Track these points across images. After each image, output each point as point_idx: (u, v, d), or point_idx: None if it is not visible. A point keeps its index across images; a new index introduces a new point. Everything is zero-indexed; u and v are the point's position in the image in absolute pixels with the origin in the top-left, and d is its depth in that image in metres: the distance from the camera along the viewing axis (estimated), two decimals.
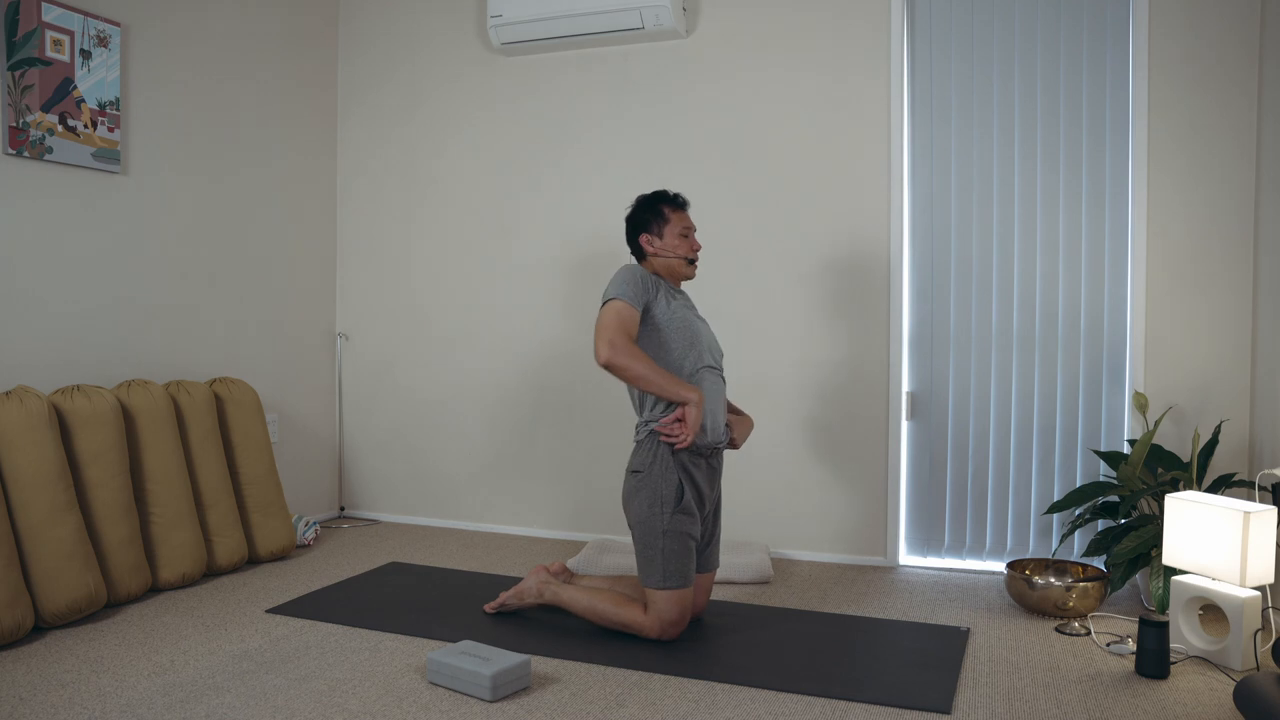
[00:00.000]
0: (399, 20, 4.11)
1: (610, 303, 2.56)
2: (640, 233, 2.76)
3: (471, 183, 4.01)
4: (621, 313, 2.54)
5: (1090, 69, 3.23)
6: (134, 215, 3.28)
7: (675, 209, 2.76)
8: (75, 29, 3.03)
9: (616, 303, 2.55)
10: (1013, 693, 2.25)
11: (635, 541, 2.60)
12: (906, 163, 3.41)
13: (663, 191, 2.80)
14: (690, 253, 2.75)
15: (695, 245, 2.76)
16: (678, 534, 2.54)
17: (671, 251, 2.73)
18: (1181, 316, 3.16)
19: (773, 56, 3.57)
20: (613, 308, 2.54)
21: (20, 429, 2.63)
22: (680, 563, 2.54)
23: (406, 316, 4.14)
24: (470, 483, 4.05)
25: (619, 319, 2.53)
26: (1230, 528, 2.39)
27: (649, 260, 2.76)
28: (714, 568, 2.77)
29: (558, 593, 2.75)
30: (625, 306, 2.55)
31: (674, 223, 2.73)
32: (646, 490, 2.57)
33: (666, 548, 2.53)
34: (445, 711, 2.12)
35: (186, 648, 2.52)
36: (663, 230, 2.73)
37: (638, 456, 2.63)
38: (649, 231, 2.75)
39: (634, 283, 2.60)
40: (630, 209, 2.81)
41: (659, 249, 2.74)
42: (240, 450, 3.40)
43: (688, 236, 2.75)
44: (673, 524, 2.54)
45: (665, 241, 2.73)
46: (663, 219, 2.74)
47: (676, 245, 2.73)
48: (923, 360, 3.43)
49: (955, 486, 3.41)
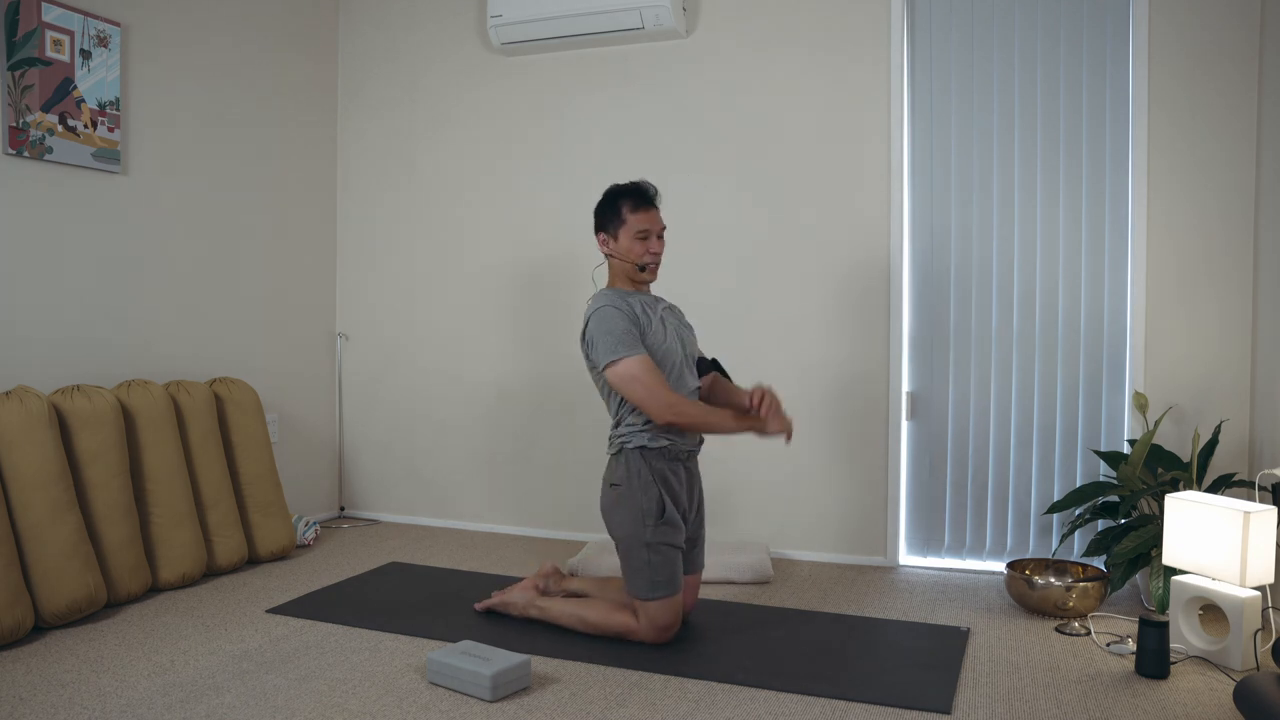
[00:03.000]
0: (399, 21, 4.11)
1: (621, 364, 2.43)
2: (599, 231, 2.62)
3: (472, 183, 4.01)
4: (645, 367, 2.43)
5: (1090, 67, 3.22)
6: (134, 215, 3.28)
7: (636, 208, 2.56)
8: (75, 29, 3.03)
9: (629, 362, 2.43)
10: (1013, 693, 2.25)
11: (620, 553, 2.59)
12: (907, 162, 3.41)
13: (625, 186, 2.59)
14: (642, 258, 2.57)
15: (653, 249, 2.57)
16: (662, 545, 2.53)
17: (625, 255, 2.58)
18: (1181, 316, 3.16)
19: (773, 56, 3.57)
20: (631, 368, 2.42)
21: (20, 429, 2.63)
22: (667, 571, 2.53)
23: (406, 316, 4.14)
24: (470, 483, 4.05)
25: (649, 374, 2.42)
26: (1230, 528, 2.39)
27: (607, 262, 2.64)
28: (700, 569, 2.77)
29: (545, 609, 2.72)
30: (637, 362, 2.43)
31: (630, 224, 2.56)
32: (627, 505, 2.54)
33: (652, 560, 2.52)
34: (445, 711, 2.12)
35: (186, 648, 2.52)
36: (618, 232, 2.57)
37: (615, 470, 2.59)
38: (605, 231, 2.60)
39: (624, 323, 2.47)
40: (597, 204, 2.66)
41: (613, 250, 2.59)
42: (240, 450, 3.40)
43: (646, 238, 2.56)
44: (656, 536, 2.53)
45: (620, 244, 2.57)
46: (618, 219, 2.57)
47: (630, 248, 2.56)
48: (923, 360, 3.43)
49: (955, 486, 3.41)
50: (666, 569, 2.53)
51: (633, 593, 2.55)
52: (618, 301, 2.52)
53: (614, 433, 2.63)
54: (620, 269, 2.64)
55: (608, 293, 2.57)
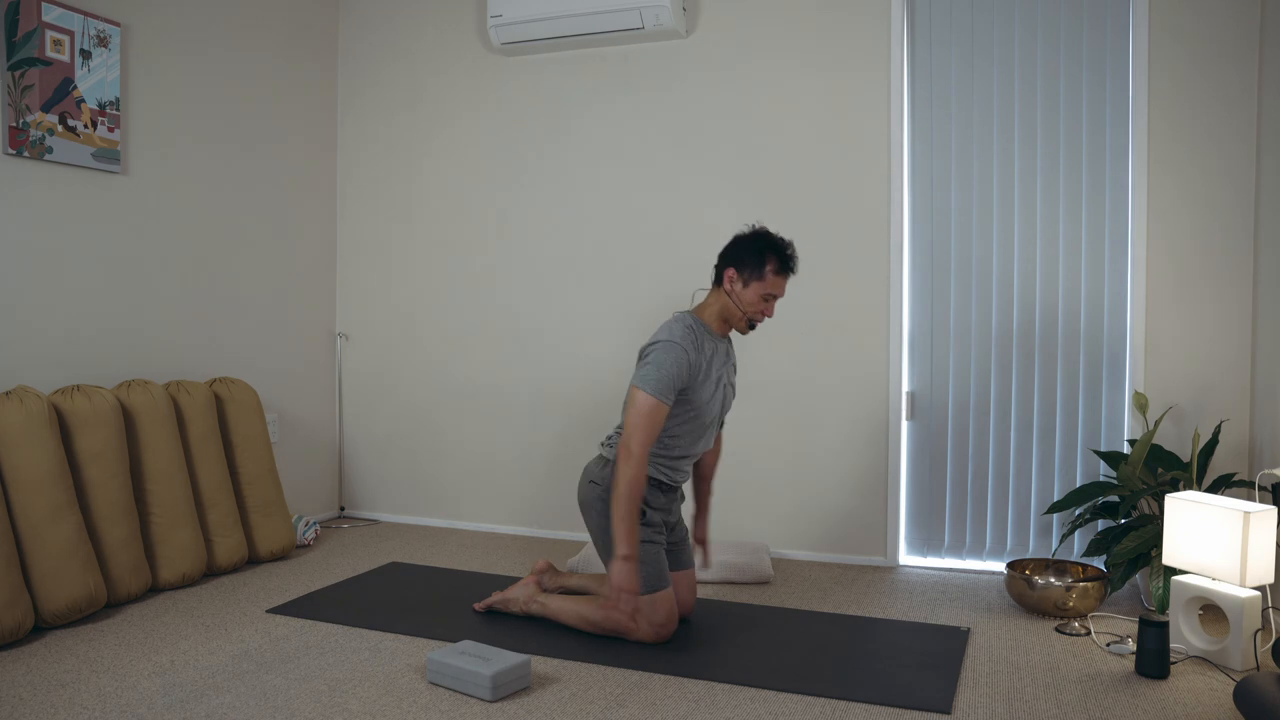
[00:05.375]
0: (399, 20, 4.11)
1: (643, 396, 2.45)
2: (731, 265, 2.60)
3: (471, 183, 4.01)
4: (655, 415, 2.45)
5: (1090, 68, 3.22)
6: (134, 215, 3.28)
7: (778, 271, 2.58)
8: (75, 29, 3.03)
9: (653, 401, 2.44)
10: (1013, 693, 2.25)
11: (600, 550, 2.63)
12: (906, 162, 3.41)
13: (778, 244, 2.59)
14: (757, 317, 2.63)
15: (769, 312, 2.63)
16: (643, 542, 2.58)
17: (744, 305, 2.60)
18: (1181, 316, 3.16)
19: (773, 57, 3.57)
20: (648, 406, 2.44)
21: (20, 429, 2.63)
22: (653, 567, 2.57)
23: (406, 316, 4.14)
24: (470, 483, 4.05)
25: (651, 422, 2.44)
26: (1230, 528, 2.39)
27: (718, 292, 2.63)
28: (690, 565, 2.79)
29: (545, 605, 2.75)
30: (658, 407, 2.45)
31: (767, 282, 2.57)
32: (607, 506, 2.60)
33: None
34: (445, 711, 2.12)
35: (186, 648, 2.52)
36: (750, 281, 2.57)
37: (600, 471, 2.64)
38: (740, 271, 2.58)
39: (678, 370, 2.48)
40: (741, 235, 2.62)
41: (735, 294, 2.59)
42: (240, 450, 3.40)
43: (769, 301, 2.60)
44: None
45: (745, 292, 2.58)
46: (759, 271, 2.56)
47: (751, 302, 2.58)
48: (923, 360, 3.43)
49: (955, 486, 3.41)
50: (652, 566, 2.57)
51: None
52: (690, 348, 2.53)
53: (615, 432, 2.66)
54: (725, 308, 2.63)
55: (691, 329, 2.56)
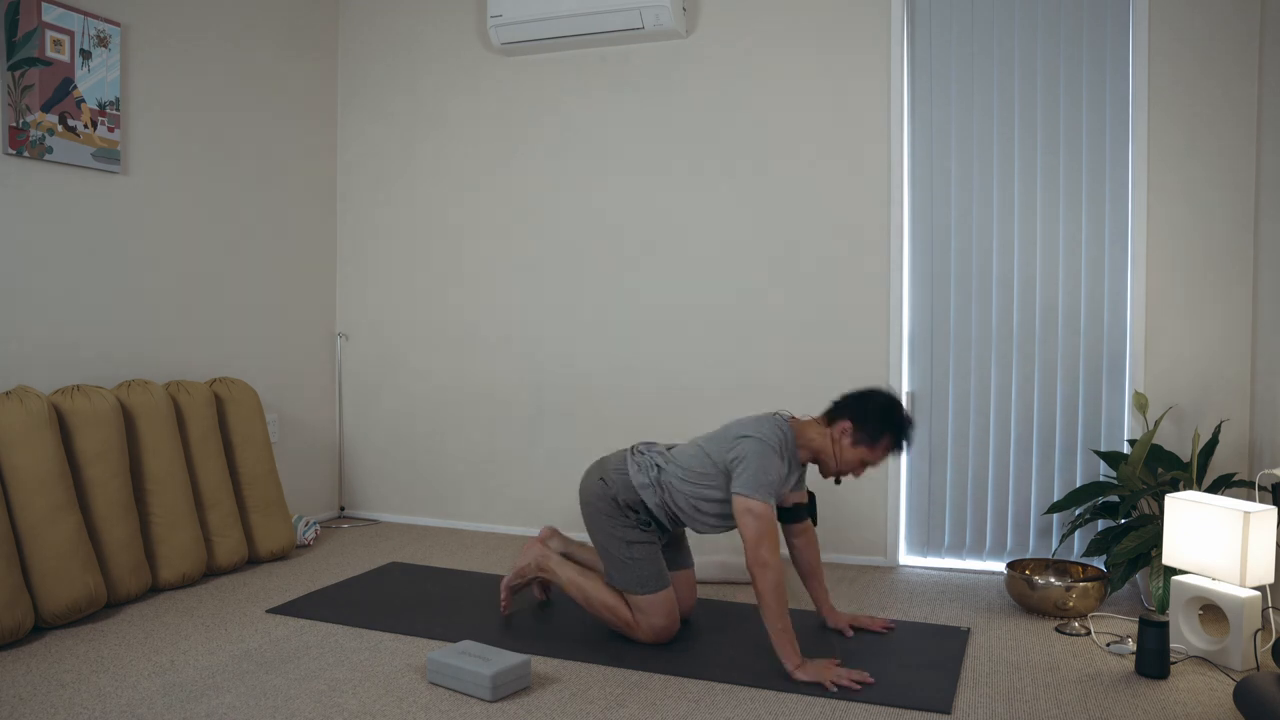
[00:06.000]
0: (399, 20, 4.11)
1: (755, 502, 2.42)
2: (851, 419, 2.55)
3: (471, 183, 4.01)
4: (771, 517, 2.44)
5: (1090, 67, 3.22)
6: (134, 215, 3.28)
7: (890, 450, 2.59)
8: (75, 29, 3.03)
9: (764, 506, 2.43)
10: (1013, 693, 2.25)
11: (597, 546, 2.64)
12: (906, 162, 3.41)
13: (904, 429, 2.57)
14: (846, 475, 2.64)
15: (857, 475, 2.64)
16: (639, 543, 2.59)
17: (839, 461, 2.58)
18: (1181, 316, 3.16)
19: (773, 56, 3.57)
20: (764, 512, 2.42)
21: (20, 429, 2.63)
22: (652, 567, 2.58)
23: (406, 316, 4.14)
24: (470, 483, 4.05)
25: (770, 526, 2.42)
26: (1230, 528, 2.39)
27: (824, 431, 2.60)
28: (689, 565, 2.79)
29: (555, 567, 2.76)
30: (769, 509, 2.44)
31: (876, 453, 2.56)
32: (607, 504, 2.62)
33: (634, 556, 2.57)
34: (445, 711, 2.12)
35: (186, 648, 2.52)
36: (860, 444, 2.55)
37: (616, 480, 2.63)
38: (856, 429, 2.54)
39: (778, 474, 2.49)
40: (875, 396, 2.58)
41: (841, 450, 2.56)
42: (240, 450, 3.40)
43: (864, 467, 2.61)
44: (634, 535, 2.59)
45: (850, 452, 2.56)
46: (875, 441, 2.54)
47: (849, 461, 2.57)
48: (923, 360, 3.43)
49: (955, 486, 3.41)
50: (651, 564, 2.57)
51: (619, 586, 2.58)
52: (781, 454, 2.53)
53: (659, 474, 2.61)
54: (823, 451, 2.60)
55: (784, 440, 2.55)
